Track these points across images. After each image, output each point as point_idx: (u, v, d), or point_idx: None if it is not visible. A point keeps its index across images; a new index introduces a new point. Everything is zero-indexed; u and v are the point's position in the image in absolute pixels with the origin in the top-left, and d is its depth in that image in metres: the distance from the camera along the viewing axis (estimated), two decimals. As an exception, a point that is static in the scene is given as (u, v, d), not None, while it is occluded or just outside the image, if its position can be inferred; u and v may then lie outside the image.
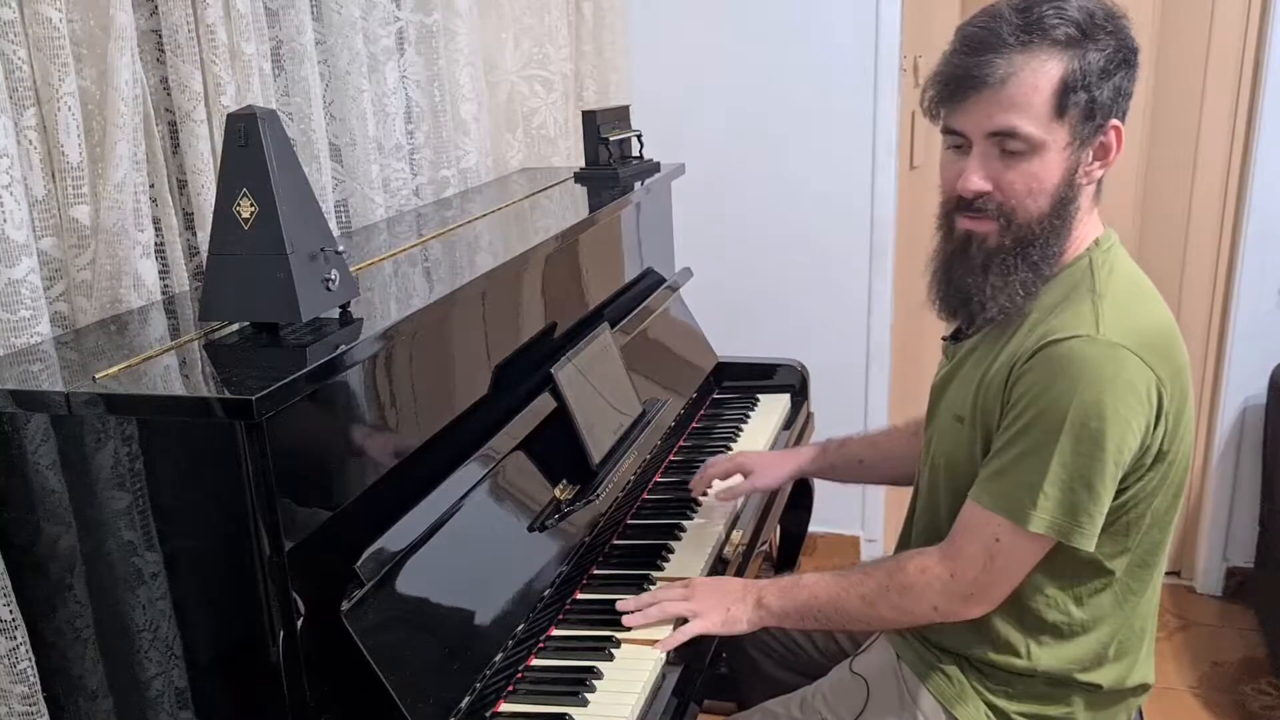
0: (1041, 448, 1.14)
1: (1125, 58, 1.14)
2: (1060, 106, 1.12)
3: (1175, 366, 1.17)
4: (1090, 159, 1.17)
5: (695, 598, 1.34)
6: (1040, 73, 1.11)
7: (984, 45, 1.13)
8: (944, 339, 1.37)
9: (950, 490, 1.28)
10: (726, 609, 1.32)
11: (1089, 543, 1.16)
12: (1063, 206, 1.17)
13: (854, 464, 1.61)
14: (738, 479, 1.65)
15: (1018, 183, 1.15)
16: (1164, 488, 1.21)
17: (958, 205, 1.20)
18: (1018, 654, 1.26)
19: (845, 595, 1.27)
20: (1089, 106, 1.13)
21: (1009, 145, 1.14)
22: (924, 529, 1.35)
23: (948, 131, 1.20)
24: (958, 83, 1.15)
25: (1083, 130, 1.14)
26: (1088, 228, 1.22)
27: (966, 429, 1.24)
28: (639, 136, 2.14)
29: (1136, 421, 1.13)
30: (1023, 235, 1.17)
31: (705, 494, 1.67)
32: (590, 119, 2.06)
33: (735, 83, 2.65)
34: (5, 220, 1.11)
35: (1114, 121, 1.16)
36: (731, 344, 2.23)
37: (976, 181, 1.16)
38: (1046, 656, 1.25)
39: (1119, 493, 1.17)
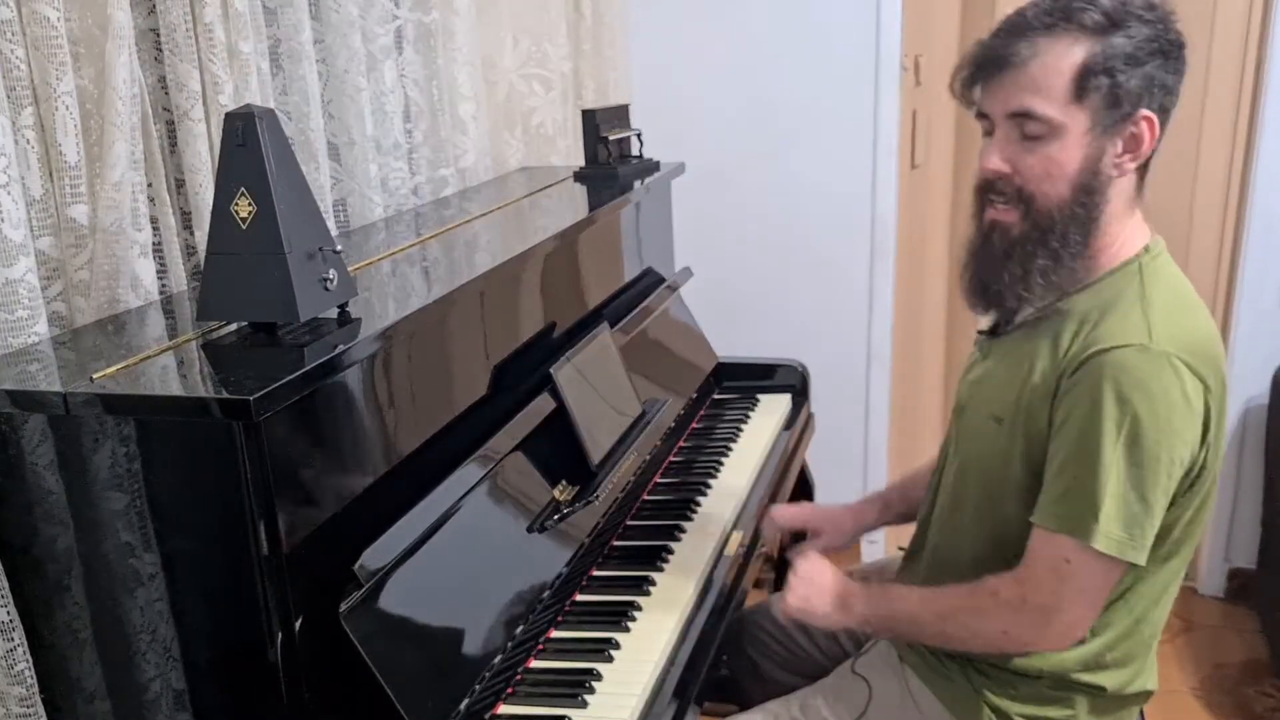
0: (1097, 462, 1.11)
1: (1161, 48, 1.13)
2: (1080, 90, 1.12)
3: (1221, 378, 1.16)
4: (1120, 149, 1.15)
5: (799, 572, 1.35)
6: (1063, 56, 1.11)
7: (1014, 29, 1.14)
8: (979, 333, 1.35)
9: (981, 491, 1.26)
10: (806, 598, 1.33)
11: (1142, 557, 1.14)
12: (1086, 195, 1.15)
13: (914, 505, 1.53)
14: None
15: (1036, 166, 1.15)
16: (1197, 499, 1.19)
17: (984, 189, 1.20)
18: (1031, 656, 1.24)
19: (923, 612, 1.26)
20: (1113, 92, 1.12)
21: (1028, 128, 1.14)
22: (943, 527, 1.34)
23: (979, 116, 1.20)
24: (984, 63, 1.16)
25: (1107, 117, 1.13)
26: (1132, 231, 1.20)
27: (1005, 431, 1.22)
28: (638, 135, 2.14)
29: (1190, 433, 1.12)
30: (1042, 222, 1.17)
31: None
32: (589, 118, 2.06)
33: (735, 82, 2.64)
34: (3, 220, 1.11)
35: (1144, 111, 1.14)
36: (731, 344, 2.23)
37: (995, 161, 1.17)
38: (1050, 658, 1.24)
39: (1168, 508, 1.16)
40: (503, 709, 1.20)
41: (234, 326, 1.16)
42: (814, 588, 1.34)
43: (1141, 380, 1.10)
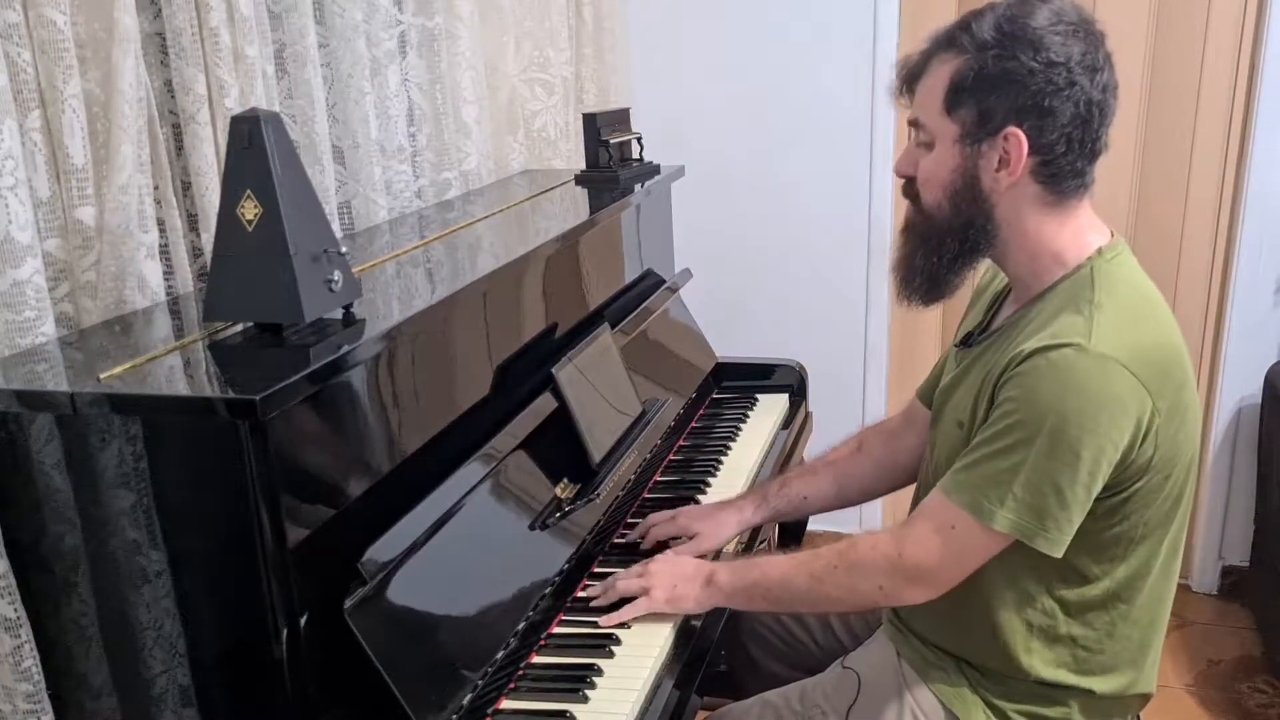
0: (1017, 449, 1.14)
1: (1049, 77, 1.15)
2: (949, 103, 1.19)
3: (1173, 384, 1.17)
4: (996, 166, 1.19)
5: (648, 574, 1.37)
6: (941, 73, 1.20)
7: (926, 49, 1.24)
8: (954, 345, 1.38)
9: None
10: (673, 587, 1.35)
11: (1055, 549, 1.16)
12: (965, 204, 1.21)
13: (799, 502, 1.58)
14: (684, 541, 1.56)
15: (922, 170, 1.24)
16: (1156, 499, 1.20)
17: (902, 190, 1.30)
18: (1012, 656, 1.26)
19: (795, 573, 1.29)
20: (978, 109, 1.17)
21: (918, 135, 1.24)
22: None
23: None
24: (905, 76, 1.26)
25: (974, 131, 1.18)
26: (1074, 235, 1.22)
27: (964, 434, 1.25)
28: (639, 139, 2.15)
29: (1118, 435, 1.13)
30: (932, 223, 1.24)
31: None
32: (590, 122, 2.07)
33: (734, 86, 2.66)
34: (10, 221, 1.12)
35: (1011, 129, 1.16)
36: (731, 344, 2.24)
37: (901, 165, 1.28)
38: (1038, 661, 1.26)
39: (1110, 507, 1.18)
40: (505, 704, 1.21)
41: (240, 327, 1.17)
42: (679, 577, 1.36)
43: (1074, 378, 1.12)
